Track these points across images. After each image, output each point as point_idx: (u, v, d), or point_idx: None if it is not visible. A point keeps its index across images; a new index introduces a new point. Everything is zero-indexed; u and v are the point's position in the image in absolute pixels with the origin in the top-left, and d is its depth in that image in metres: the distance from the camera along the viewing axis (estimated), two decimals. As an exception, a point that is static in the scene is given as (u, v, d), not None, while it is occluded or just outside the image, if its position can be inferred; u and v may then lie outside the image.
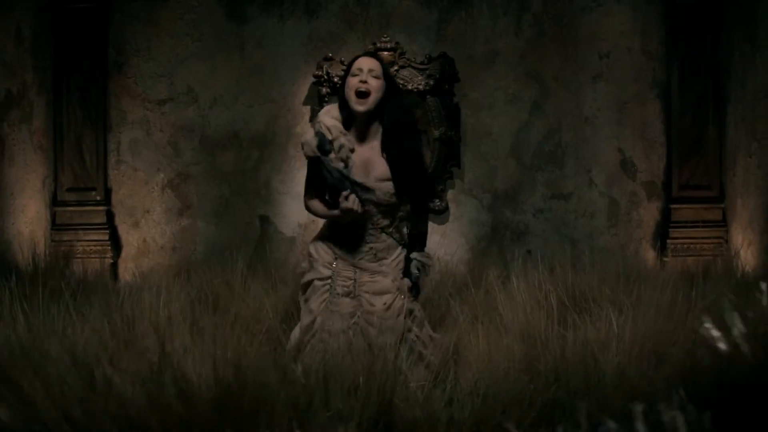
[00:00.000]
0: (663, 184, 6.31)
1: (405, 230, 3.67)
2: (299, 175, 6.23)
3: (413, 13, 6.27)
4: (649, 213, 6.32)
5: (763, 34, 5.62)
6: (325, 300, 3.54)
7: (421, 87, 6.09)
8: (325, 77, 6.06)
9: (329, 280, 3.55)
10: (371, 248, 3.57)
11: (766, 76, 5.61)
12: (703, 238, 6.21)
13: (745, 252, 5.79)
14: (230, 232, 6.26)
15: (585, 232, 6.32)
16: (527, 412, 2.64)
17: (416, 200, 3.67)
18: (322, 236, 3.70)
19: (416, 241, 3.68)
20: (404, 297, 3.55)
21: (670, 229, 6.23)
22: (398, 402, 2.74)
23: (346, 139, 3.53)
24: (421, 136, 3.80)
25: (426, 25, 6.28)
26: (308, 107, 6.24)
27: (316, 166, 3.57)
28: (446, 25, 6.28)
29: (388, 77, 3.63)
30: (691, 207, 6.24)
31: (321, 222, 3.87)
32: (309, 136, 3.55)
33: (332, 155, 3.47)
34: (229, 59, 6.23)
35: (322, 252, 3.62)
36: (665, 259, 6.16)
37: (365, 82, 3.53)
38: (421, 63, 6.13)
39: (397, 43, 6.09)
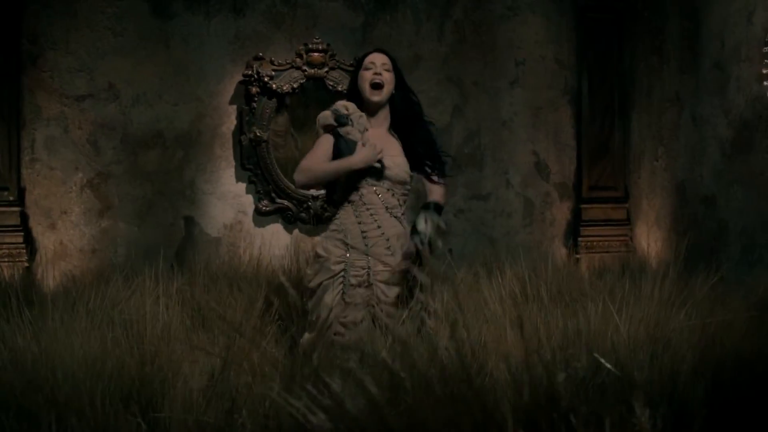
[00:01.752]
0: (574, 185, 6.69)
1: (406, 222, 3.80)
2: (225, 175, 6.20)
3: (340, 15, 6.34)
4: (561, 212, 6.68)
5: (671, 47, 6.08)
6: (339, 292, 3.58)
7: (350, 89, 6.16)
8: (255, 76, 6.02)
9: (343, 273, 3.59)
10: (383, 233, 3.65)
11: (672, 86, 6.08)
12: (610, 235, 6.63)
13: (653, 247, 6.24)
14: (153, 234, 6.09)
15: (503, 231, 6.59)
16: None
17: (432, 171, 3.80)
18: (330, 234, 3.73)
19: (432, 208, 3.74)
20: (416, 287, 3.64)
21: (580, 228, 6.61)
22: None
23: (362, 116, 3.73)
24: (428, 122, 3.98)
25: (352, 28, 6.36)
26: (234, 106, 6.17)
27: (329, 141, 3.68)
28: (372, 29, 6.39)
29: (397, 71, 3.81)
30: (599, 207, 6.65)
31: (249, 221, 3.88)
32: (326, 112, 3.70)
33: (349, 128, 3.63)
34: (152, 56, 6.06)
35: (332, 248, 3.66)
36: (577, 255, 6.53)
37: (379, 74, 3.75)
38: (351, 65, 6.20)
39: (328, 44, 6.13)
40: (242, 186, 6.22)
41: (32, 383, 2.52)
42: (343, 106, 3.75)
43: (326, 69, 6.12)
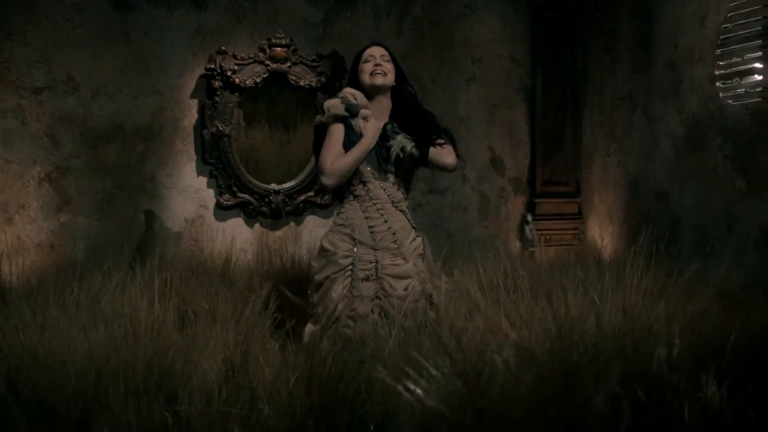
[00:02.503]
0: (528, 180, 6.87)
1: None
2: (186, 169, 6.16)
3: (300, 10, 6.36)
4: (516, 207, 6.86)
5: (623, 48, 6.30)
6: (346, 286, 3.63)
7: (313, 84, 6.20)
8: (218, 70, 6.00)
9: (350, 267, 3.65)
10: (390, 227, 3.74)
11: (624, 85, 6.31)
12: (562, 229, 6.84)
13: (606, 241, 6.46)
14: (113, 229, 6.01)
15: (459, 225, 6.73)
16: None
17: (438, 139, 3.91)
18: (336, 228, 3.79)
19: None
20: (424, 281, 3.74)
21: (534, 221, 6.79)
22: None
23: (367, 107, 3.88)
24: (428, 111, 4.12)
25: (312, 23, 6.39)
26: (196, 100, 6.14)
27: (341, 131, 3.78)
28: (332, 24, 6.44)
29: (395, 63, 3.92)
30: (552, 201, 6.85)
31: (210, 215, 3.93)
32: (333, 101, 3.75)
33: (358, 119, 3.72)
34: (113, 48, 5.98)
35: (339, 242, 3.72)
36: (530, 248, 6.72)
37: (380, 65, 3.94)
38: (313, 60, 6.24)
39: (291, 39, 6.15)
40: (203, 180, 6.20)
41: (55, 379, 2.51)
42: (352, 95, 3.83)
43: (289, 64, 6.14)
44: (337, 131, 3.83)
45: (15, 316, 3.29)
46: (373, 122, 3.84)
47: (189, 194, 6.18)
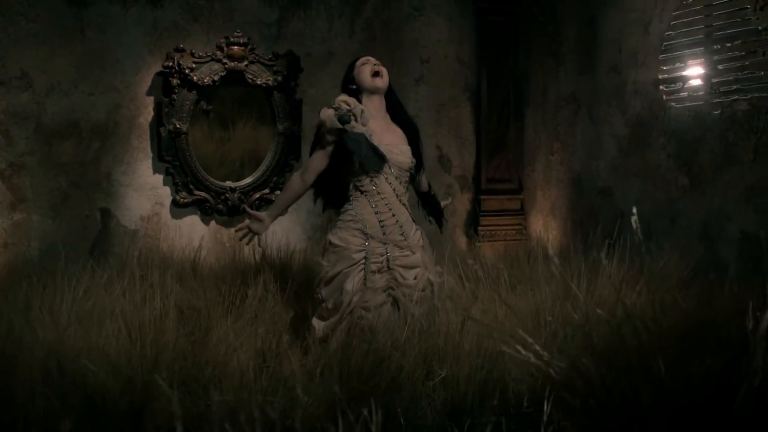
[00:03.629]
0: (473, 177, 7.13)
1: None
2: (142, 167, 6.15)
3: (256, 10, 6.42)
4: (462, 203, 7.10)
5: (567, 50, 6.61)
6: (360, 279, 3.76)
7: (270, 82, 6.27)
8: (176, 68, 6.00)
9: (363, 261, 3.79)
10: (397, 221, 3.92)
11: (568, 86, 6.62)
12: (506, 225, 7.12)
13: (550, 236, 6.77)
14: (69, 227, 5.95)
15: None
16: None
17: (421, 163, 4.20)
18: (344, 225, 3.90)
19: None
20: (428, 270, 3.93)
21: (480, 218, 7.05)
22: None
23: (363, 109, 4.01)
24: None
25: (267, 23, 6.46)
26: (152, 98, 6.13)
27: (332, 143, 3.96)
28: (286, 24, 6.52)
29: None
30: (496, 198, 7.12)
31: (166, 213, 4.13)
32: (328, 112, 3.90)
33: (354, 123, 3.84)
34: (68, 44, 5.90)
35: (350, 238, 3.84)
36: (477, 243, 6.97)
37: (378, 65, 4.17)
38: (269, 59, 6.31)
39: (248, 38, 6.21)
40: (159, 178, 6.20)
41: (102, 373, 2.56)
42: (344, 101, 3.96)
43: (246, 62, 6.20)
44: (320, 155, 4.04)
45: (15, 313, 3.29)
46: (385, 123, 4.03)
47: (145, 192, 6.17)
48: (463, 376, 2.77)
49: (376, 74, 4.14)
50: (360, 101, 4.07)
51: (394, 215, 3.95)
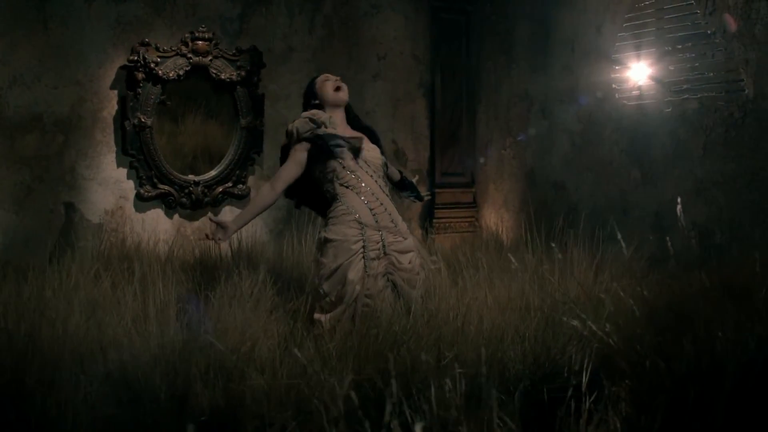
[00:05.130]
0: (428, 171, 7.35)
1: None
2: (106, 161, 6.16)
3: (218, 5, 6.47)
4: (417, 196, 7.29)
5: (519, 49, 6.88)
6: (360, 268, 3.91)
7: (234, 77, 6.34)
8: (141, 62, 6.02)
9: (362, 250, 3.93)
10: (386, 209, 4.11)
11: (521, 84, 6.89)
12: (459, 217, 7.36)
13: (502, 228, 7.04)
14: (32, 221, 5.91)
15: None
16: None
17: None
18: (338, 219, 4.03)
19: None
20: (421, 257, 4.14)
21: (434, 210, 7.27)
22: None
23: (330, 118, 4.27)
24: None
25: (230, 18, 6.52)
26: (116, 92, 6.13)
27: (305, 150, 4.09)
28: (248, 19, 6.60)
29: None
30: (450, 191, 7.35)
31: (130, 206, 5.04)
32: (298, 122, 4.21)
33: (325, 129, 4.16)
34: (30, 37, 5.85)
35: (346, 230, 3.98)
36: (432, 236, 7.19)
37: (338, 80, 4.40)
38: (233, 54, 6.38)
39: (213, 33, 6.26)
40: (123, 171, 6.20)
41: (140, 361, 2.66)
42: (313, 113, 4.21)
43: (210, 57, 6.26)
44: (291, 165, 4.24)
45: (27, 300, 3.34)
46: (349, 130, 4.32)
47: (109, 185, 6.17)
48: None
49: (337, 89, 4.35)
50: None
51: (381, 204, 4.13)
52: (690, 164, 5.50)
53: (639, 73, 5.81)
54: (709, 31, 5.35)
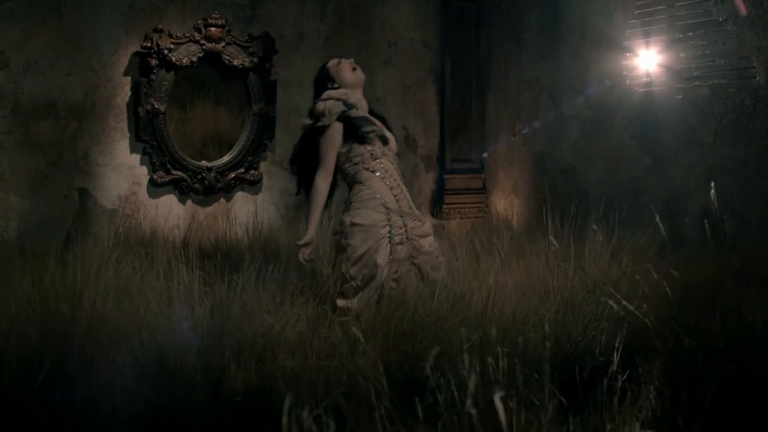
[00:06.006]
0: (437, 157, 7.40)
1: None
2: (119, 147, 6.20)
3: (230, -10, 6.51)
4: (427, 182, 7.36)
5: (529, 36, 6.92)
6: (387, 253, 3.97)
7: (246, 64, 6.38)
8: (155, 48, 6.05)
9: (389, 234, 3.99)
10: (405, 196, 4.19)
11: (531, 70, 6.93)
12: (469, 203, 7.41)
13: (511, 213, 7.09)
14: (47, 207, 5.95)
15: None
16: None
17: None
18: (364, 204, 4.08)
19: None
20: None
21: (444, 196, 7.33)
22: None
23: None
24: None
25: (241, 5, 6.55)
26: (129, 78, 6.16)
27: (338, 133, 4.19)
28: (260, 6, 6.62)
29: None
30: (459, 177, 7.40)
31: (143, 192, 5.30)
32: (329, 103, 4.18)
33: (356, 111, 4.24)
34: (44, 23, 5.87)
35: (374, 215, 4.03)
36: (442, 221, 7.24)
37: (353, 61, 4.47)
38: (245, 41, 6.41)
39: (226, 20, 6.29)
40: (137, 157, 6.24)
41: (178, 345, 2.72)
42: (343, 93, 4.23)
43: (223, 44, 6.29)
44: (332, 151, 4.22)
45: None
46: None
47: (122, 171, 6.21)
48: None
49: (354, 69, 4.41)
50: None
51: (402, 190, 4.20)
52: (701, 151, 5.55)
53: (650, 60, 5.85)
54: (720, 18, 5.39)
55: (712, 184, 3.40)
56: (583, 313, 3.30)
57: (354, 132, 4.19)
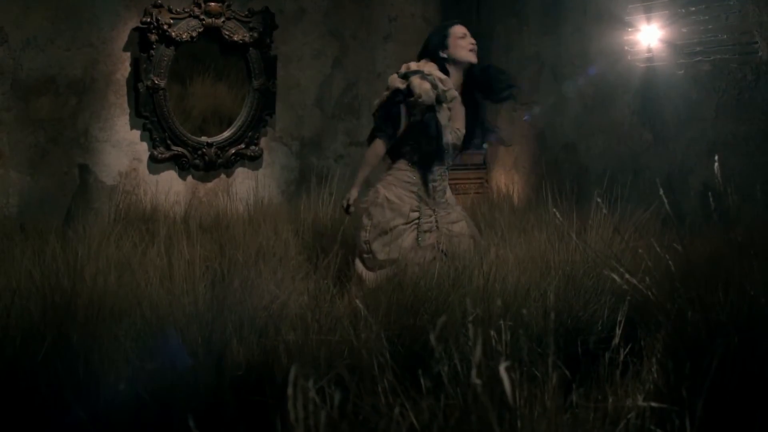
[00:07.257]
0: (438, 133, 7.35)
1: None
2: (119, 123, 6.18)
3: (229, -35, 6.46)
4: (428, 158, 7.33)
5: (530, 11, 6.88)
6: (413, 238, 3.98)
7: (246, 39, 6.34)
8: (155, 24, 6.01)
9: (417, 221, 4.00)
10: (443, 187, 4.23)
11: (531, 46, 6.89)
12: (469, 179, 7.39)
13: (513, 189, 7.08)
14: (47, 183, 5.94)
15: (375, 176, 7.10)
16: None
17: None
18: (401, 184, 4.09)
19: None
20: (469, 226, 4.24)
21: (445, 172, 7.30)
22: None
23: (452, 90, 4.17)
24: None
25: (240, -22, 6.52)
26: (128, 53, 6.13)
27: (418, 114, 4.10)
28: (259, -20, 6.59)
29: None
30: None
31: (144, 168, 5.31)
32: (425, 85, 4.01)
33: (444, 105, 4.10)
34: (43, -1, 5.85)
35: (406, 198, 4.06)
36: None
37: (474, 43, 4.29)
38: (245, 16, 6.37)
39: (226, -6, 6.26)
40: (137, 133, 6.23)
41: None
42: (440, 80, 4.11)
43: (223, 19, 6.25)
44: (404, 124, 4.16)
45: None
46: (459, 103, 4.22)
47: (123, 147, 6.19)
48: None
49: (472, 50, 4.26)
50: (446, 70, 4.20)
51: (443, 181, 4.21)
52: (702, 126, 5.52)
53: (651, 35, 5.81)
54: (723, -7, 5.35)
55: (716, 158, 3.34)
56: (585, 287, 3.31)
57: (436, 138, 4.12)
